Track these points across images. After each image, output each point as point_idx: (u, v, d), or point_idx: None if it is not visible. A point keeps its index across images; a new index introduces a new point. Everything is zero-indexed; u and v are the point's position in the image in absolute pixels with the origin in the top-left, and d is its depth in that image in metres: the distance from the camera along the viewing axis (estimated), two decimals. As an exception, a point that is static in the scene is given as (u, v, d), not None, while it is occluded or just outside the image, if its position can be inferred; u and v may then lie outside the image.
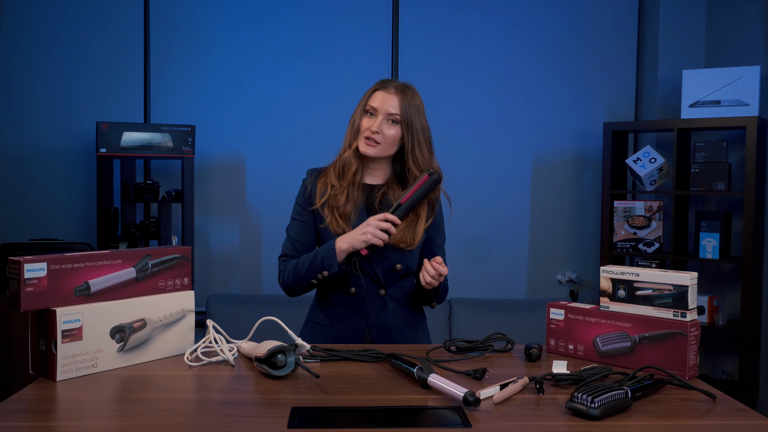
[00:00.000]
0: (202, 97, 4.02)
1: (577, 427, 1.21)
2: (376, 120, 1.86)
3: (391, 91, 1.88)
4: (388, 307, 1.92)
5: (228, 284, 4.07)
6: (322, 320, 1.95)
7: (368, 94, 1.91)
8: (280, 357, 1.48)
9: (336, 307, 1.93)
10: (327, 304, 1.95)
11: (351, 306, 1.91)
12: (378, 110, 1.87)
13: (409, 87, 1.93)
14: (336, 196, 1.89)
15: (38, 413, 1.27)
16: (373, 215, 1.85)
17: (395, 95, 1.88)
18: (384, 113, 1.87)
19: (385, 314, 1.91)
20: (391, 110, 1.86)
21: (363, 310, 1.90)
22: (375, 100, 1.88)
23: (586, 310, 1.67)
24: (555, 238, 4.13)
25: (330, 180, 1.92)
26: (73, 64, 3.97)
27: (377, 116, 1.87)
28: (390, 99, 1.87)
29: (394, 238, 1.85)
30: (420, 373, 1.41)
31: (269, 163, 4.00)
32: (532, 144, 4.10)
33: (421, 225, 1.91)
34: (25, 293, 1.41)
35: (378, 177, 1.96)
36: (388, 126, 1.87)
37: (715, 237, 3.56)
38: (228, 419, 1.24)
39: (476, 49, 4.08)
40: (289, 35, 4.05)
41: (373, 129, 1.86)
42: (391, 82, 1.92)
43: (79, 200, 3.98)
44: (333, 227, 1.87)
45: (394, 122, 1.87)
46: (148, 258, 1.62)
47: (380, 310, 1.91)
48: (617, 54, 4.10)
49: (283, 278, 1.93)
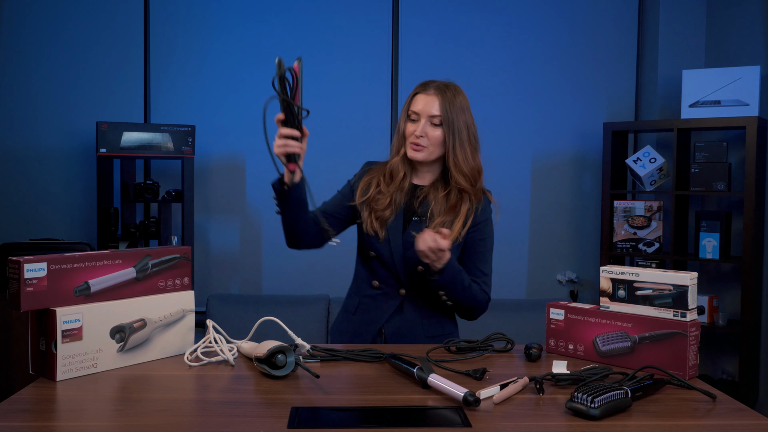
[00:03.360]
0: (202, 97, 4.02)
1: (577, 427, 1.21)
2: (419, 124, 1.86)
3: (431, 92, 1.87)
4: (405, 309, 1.92)
5: (228, 284, 4.07)
6: (350, 307, 1.99)
7: (410, 98, 1.91)
8: (280, 357, 1.48)
9: (361, 297, 1.96)
10: (356, 293, 1.99)
11: (373, 299, 1.93)
12: (420, 114, 1.87)
13: (450, 85, 1.90)
14: (378, 198, 1.90)
15: (38, 413, 1.27)
16: (410, 215, 1.89)
17: (435, 96, 1.86)
18: (426, 116, 1.86)
19: (401, 316, 1.91)
20: (433, 112, 1.86)
21: (382, 306, 1.92)
22: (416, 104, 1.88)
23: (586, 310, 1.67)
24: (555, 238, 4.13)
25: (376, 180, 1.93)
26: (73, 64, 3.97)
27: (420, 120, 1.87)
28: (430, 101, 1.86)
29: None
30: (420, 373, 1.41)
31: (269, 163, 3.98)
32: (532, 144, 4.10)
33: (459, 222, 1.88)
34: (25, 293, 1.41)
35: (426, 179, 1.96)
36: (432, 128, 1.86)
37: (715, 237, 3.56)
38: (228, 419, 1.24)
39: (476, 49, 4.08)
40: (289, 35, 4.05)
41: (417, 134, 1.85)
42: (431, 84, 1.90)
43: (79, 200, 3.99)
44: (367, 226, 1.89)
45: (437, 124, 1.86)
46: (148, 258, 1.62)
47: (396, 310, 1.92)
48: (617, 54, 4.10)
49: None
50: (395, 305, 1.92)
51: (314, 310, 3.54)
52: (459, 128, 1.87)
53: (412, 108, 1.88)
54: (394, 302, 1.92)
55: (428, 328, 1.94)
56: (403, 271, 1.89)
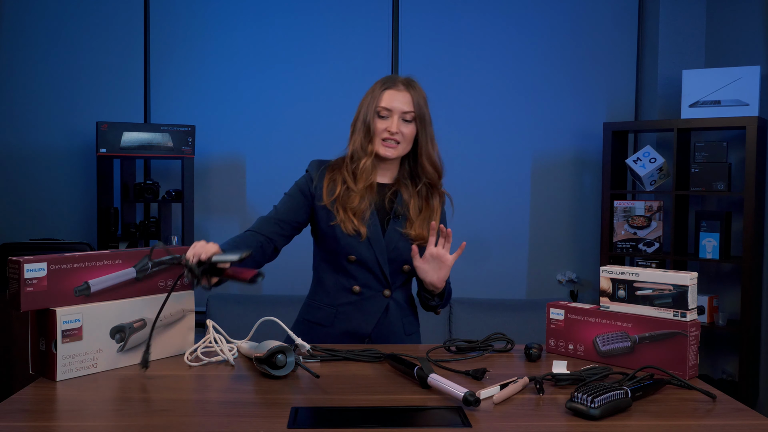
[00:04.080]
0: (202, 97, 4.02)
1: (577, 427, 1.21)
2: (392, 121, 1.83)
3: (401, 88, 1.86)
4: (390, 311, 1.90)
5: (228, 284, 4.05)
6: (321, 319, 1.89)
7: (376, 95, 1.86)
8: (280, 357, 1.48)
9: (337, 306, 1.89)
10: (327, 303, 1.90)
11: (354, 305, 1.88)
12: (393, 110, 1.84)
13: (413, 80, 1.90)
14: (350, 196, 1.85)
15: (38, 413, 1.27)
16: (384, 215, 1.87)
17: (406, 92, 1.85)
18: (399, 112, 1.84)
19: (387, 318, 1.89)
20: (405, 108, 1.84)
21: (367, 311, 1.88)
22: (387, 101, 1.84)
23: (586, 310, 1.67)
24: (555, 238, 4.13)
25: (341, 179, 1.87)
26: (73, 64, 3.97)
27: (392, 116, 1.84)
28: (402, 97, 1.85)
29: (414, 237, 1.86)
30: (420, 373, 1.41)
31: (269, 163, 3.99)
32: (532, 144, 4.10)
33: (436, 218, 1.90)
34: (25, 293, 1.41)
35: (387, 176, 1.93)
36: (405, 125, 1.85)
37: (715, 237, 3.56)
38: (228, 419, 1.24)
39: (476, 49, 4.08)
40: (289, 35, 4.05)
41: (392, 130, 1.83)
42: (397, 79, 1.88)
43: (79, 200, 3.98)
44: (346, 226, 1.83)
45: (409, 120, 1.85)
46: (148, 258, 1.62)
47: (383, 312, 1.89)
48: (617, 54, 4.10)
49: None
50: (381, 308, 1.89)
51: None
52: (428, 123, 1.88)
53: (382, 104, 1.84)
54: (380, 305, 1.89)
55: (407, 325, 1.94)
56: (388, 272, 1.87)
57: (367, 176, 1.86)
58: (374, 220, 1.86)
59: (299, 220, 1.89)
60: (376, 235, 1.85)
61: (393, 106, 1.83)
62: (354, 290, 1.87)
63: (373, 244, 1.84)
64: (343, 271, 1.87)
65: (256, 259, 1.80)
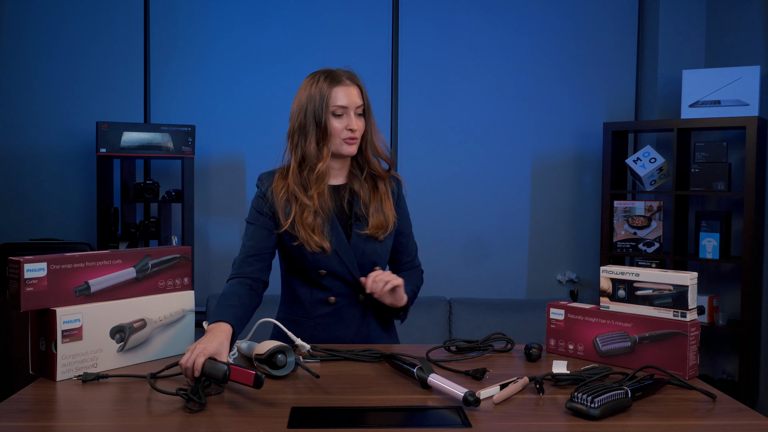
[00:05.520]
0: (202, 97, 4.02)
1: (577, 427, 1.21)
2: (348, 118, 1.77)
3: (348, 83, 1.78)
4: (368, 313, 1.87)
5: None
6: (299, 333, 1.75)
7: (325, 93, 1.76)
8: (280, 357, 1.48)
9: (315, 318, 1.84)
10: (304, 317, 1.85)
11: (331, 317, 1.84)
12: (348, 107, 1.77)
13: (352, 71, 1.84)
14: (305, 213, 1.77)
15: (38, 413, 1.27)
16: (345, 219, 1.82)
17: (353, 85, 1.79)
18: (353, 108, 1.78)
19: (365, 320, 1.86)
20: (358, 102, 1.79)
21: (345, 319, 1.84)
22: (340, 98, 1.76)
23: (586, 310, 1.67)
24: (555, 238, 4.13)
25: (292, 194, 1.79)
26: (73, 64, 3.97)
27: (349, 113, 1.77)
28: (351, 92, 1.78)
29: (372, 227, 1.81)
30: (420, 373, 1.41)
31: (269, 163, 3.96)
32: (532, 144, 4.10)
33: (388, 205, 1.85)
34: (25, 293, 1.41)
35: (340, 176, 1.87)
36: (358, 119, 1.79)
37: (715, 237, 3.56)
38: (228, 419, 1.24)
39: (476, 50, 4.08)
40: (289, 35, 4.05)
41: (353, 127, 1.77)
42: (341, 73, 1.80)
43: (79, 200, 3.99)
44: (309, 245, 1.76)
45: (361, 114, 1.81)
46: (148, 258, 1.62)
47: (362, 317, 1.86)
48: (617, 54, 4.10)
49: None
50: (359, 312, 1.86)
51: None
52: (372, 114, 1.84)
53: (337, 103, 1.76)
54: (357, 310, 1.85)
55: (384, 321, 1.91)
56: (358, 272, 1.81)
57: (321, 181, 1.78)
58: (336, 229, 1.80)
59: (271, 245, 1.83)
60: (341, 245, 1.79)
61: (347, 103, 1.77)
62: (329, 301, 1.83)
63: (340, 254, 1.79)
64: (316, 284, 1.83)
65: (254, 304, 1.74)
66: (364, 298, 1.83)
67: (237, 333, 1.58)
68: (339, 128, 1.77)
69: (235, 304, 1.66)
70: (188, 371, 1.38)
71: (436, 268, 3.70)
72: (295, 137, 1.82)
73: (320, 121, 1.77)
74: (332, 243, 1.79)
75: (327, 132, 1.77)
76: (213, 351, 1.42)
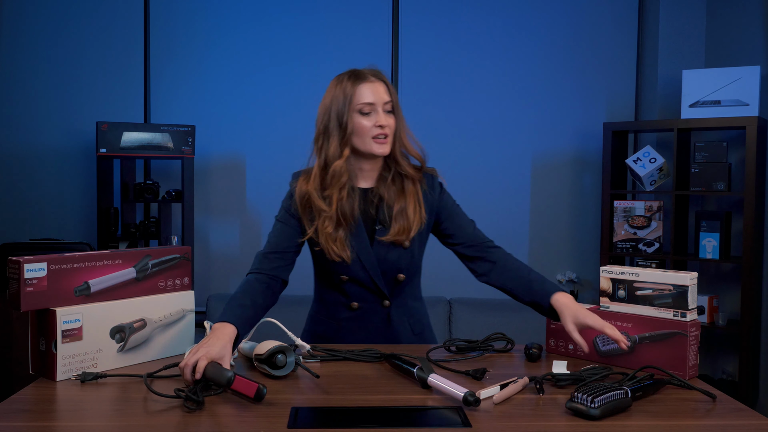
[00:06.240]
0: (202, 97, 4.02)
1: (577, 427, 1.21)
2: (377, 115, 1.71)
3: (373, 80, 1.73)
4: (393, 319, 1.84)
5: (228, 284, 4.07)
6: (326, 333, 1.85)
7: (349, 92, 1.71)
8: (280, 357, 1.48)
9: (339, 321, 1.84)
10: (329, 317, 1.86)
11: (355, 321, 1.83)
12: (376, 104, 1.71)
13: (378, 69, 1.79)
14: (325, 222, 1.73)
15: (38, 413, 1.27)
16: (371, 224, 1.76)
17: (379, 81, 1.74)
18: (381, 104, 1.72)
19: (389, 325, 1.84)
20: (386, 98, 1.73)
21: (368, 324, 1.83)
22: (366, 96, 1.71)
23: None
24: (555, 238, 4.13)
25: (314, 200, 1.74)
26: (73, 64, 3.97)
27: (376, 111, 1.72)
28: (378, 88, 1.73)
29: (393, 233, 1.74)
30: (420, 373, 1.41)
31: (269, 163, 3.99)
32: (532, 144, 4.10)
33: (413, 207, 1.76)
34: (25, 293, 1.41)
35: (370, 179, 1.80)
36: (388, 117, 1.73)
37: (715, 237, 3.56)
38: (228, 419, 1.24)
39: (476, 49, 4.08)
40: (289, 35, 4.05)
41: (381, 123, 1.70)
42: (365, 72, 1.75)
43: (79, 200, 3.99)
44: (331, 255, 1.74)
45: (390, 111, 1.74)
46: (148, 258, 1.62)
47: (385, 323, 1.84)
48: (617, 54, 4.10)
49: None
50: (383, 318, 1.83)
51: (314, 310, 3.55)
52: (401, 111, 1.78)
53: (363, 100, 1.70)
54: (381, 315, 1.83)
55: (414, 325, 1.89)
56: (384, 285, 1.79)
57: (338, 180, 1.72)
58: (360, 236, 1.75)
59: (295, 244, 1.79)
60: (364, 253, 1.75)
61: (374, 100, 1.71)
62: (352, 306, 1.82)
63: (363, 262, 1.76)
64: (339, 288, 1.82)
65: (267, 304, 1.71)
66: (390, 303, 1.82)
67: (242, 336, 1.57)
68: (368, 126, 1.71)
69: (246, 304, 1.63)
70: (188, 372, 1.38)
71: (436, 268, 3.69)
72: (320, 140, 1.77)
73: (342, 121, 1.72)
74: (354, 251, 1.74)
75: (348, 131, 1.72)
76: (216, 355, 1.42)
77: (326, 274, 1.82)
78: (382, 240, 1.76)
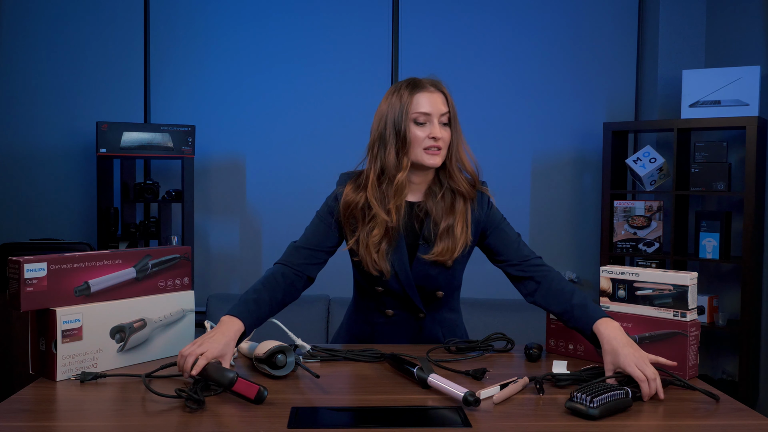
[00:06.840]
0: (202, 97, 4.02)
1: (577, 427, 1.21)
2: (431, 126, 1.66)
3: (431, 90, 1.69)
4: (425, 327, 1.83)
5: (228, 284, 4.07)
6: (361, 334, 1.86)
7: (406, 100, 1.67)
8: (280, 357, 1.48)
9: (374, 325, 1.84)
10: (365, 321, 1.86)
11: (389, 326, 1.83)
12: (432, 114, 1.67)
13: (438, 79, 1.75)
14: (373, 228, 1.68)
15: (38, 413, 1.27)
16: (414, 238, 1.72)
17: (438, 92, 1.70)
18: (437, 115, 1.67)
19: (423, 334, 1.84)
20: (443, 110, 1.68)
21: (402, 330, 1.83)
22: (423, 105, 1.66)
23: (586, 310, 1.66)
24: (555, 238, 4.13)
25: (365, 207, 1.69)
26: (73, 64, 3.97)
27: (432, 121, 1.67)
28: (436, 98, 1.68)
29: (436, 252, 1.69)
30: (420, 373, 1.41)
31: (269, 163, 3.99)
32: (532, 144, 4.10)
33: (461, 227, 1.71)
34: (25, 293, 1.41)
35: (418, 193, 1.75)
36: (443, 128, 1.68)
37: (715, 237, 3.56)
38: (228, 419, 1.24)
39: (476, 49, 4.08)
40: (289, 35, 4.05)
41: (436, 135, 1.65)
42: (423, 82, 1.71)
43: (79, 200, 3.99)
44: (369, 268, 1.70)
45: (446, 123, 1.70)
46: (148, 258, 1.62)
47: (418, 331, 1.83)
48: (617, 54, 4.10)
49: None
50: (416, 326, 1.83)
51: (314, 311, 3.54)
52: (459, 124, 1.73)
53: (419, 110, 1.66)
54: (415, 324, 1.83)
55: (447, 333, 1.87)
56: (419, 301, 1.78)
57: (400, 193, 1.68)
58: (400, 251, 1.71)
59: (330, 244, 1.74)
60: (402, 269, 1.71)
61: (431, 110, 1.66)
62: (387, 314, 1.81)
63: (400, 278, 1.72)
64: (375, 296, 1.80)
65: (286, 301, 1.68)
66: (425, 315, 1.81)
67: (248, 333, 1.56)
68: (421, 137, 1.66)
69: (262, 299, 1.60)
70: (188, 362, 1.38)
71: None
72: (375, 148, 1.71)
73: (400, 130, 1.66)
74: (393, 266, 1.71)
75: (407, 141, 1.66)
76: (217, 353, 1.42)
77: (363, 280, 1.80)
78: (423, 258, 1.71)
